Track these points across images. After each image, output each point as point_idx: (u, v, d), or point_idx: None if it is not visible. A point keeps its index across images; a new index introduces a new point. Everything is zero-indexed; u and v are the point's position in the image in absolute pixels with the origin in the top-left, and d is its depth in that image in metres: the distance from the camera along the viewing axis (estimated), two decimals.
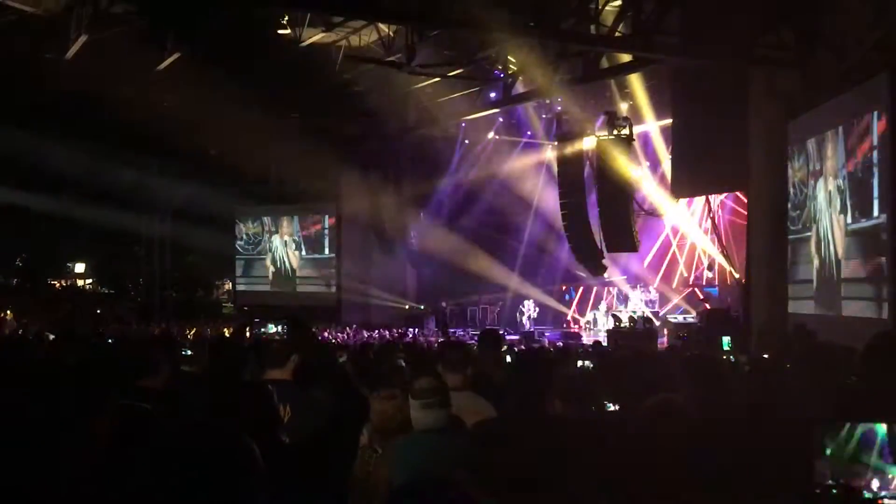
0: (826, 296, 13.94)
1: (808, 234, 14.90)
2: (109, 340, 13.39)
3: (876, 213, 12.44)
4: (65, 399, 4.55)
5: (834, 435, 2.29)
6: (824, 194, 14.22)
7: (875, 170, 12.54)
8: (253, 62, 20.46)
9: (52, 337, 12.24)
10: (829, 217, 14.06)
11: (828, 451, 2.28)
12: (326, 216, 31.76)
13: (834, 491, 2.27)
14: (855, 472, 2.27)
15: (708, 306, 22.29)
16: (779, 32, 15.19)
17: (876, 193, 12.49)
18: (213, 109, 21.48)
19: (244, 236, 33.73)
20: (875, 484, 2.24)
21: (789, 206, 15.82)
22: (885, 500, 2.24)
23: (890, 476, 2.26)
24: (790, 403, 3.71)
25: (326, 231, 31.80)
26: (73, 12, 18.14)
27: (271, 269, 33.16)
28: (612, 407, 4.34)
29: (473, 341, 18.00)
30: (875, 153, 12.68)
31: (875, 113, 12.76)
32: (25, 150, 25.53)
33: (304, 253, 32.44)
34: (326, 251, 31.84)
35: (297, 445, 4.40)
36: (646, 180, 25.27)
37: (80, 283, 37.90)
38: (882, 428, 2.26)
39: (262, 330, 16.88)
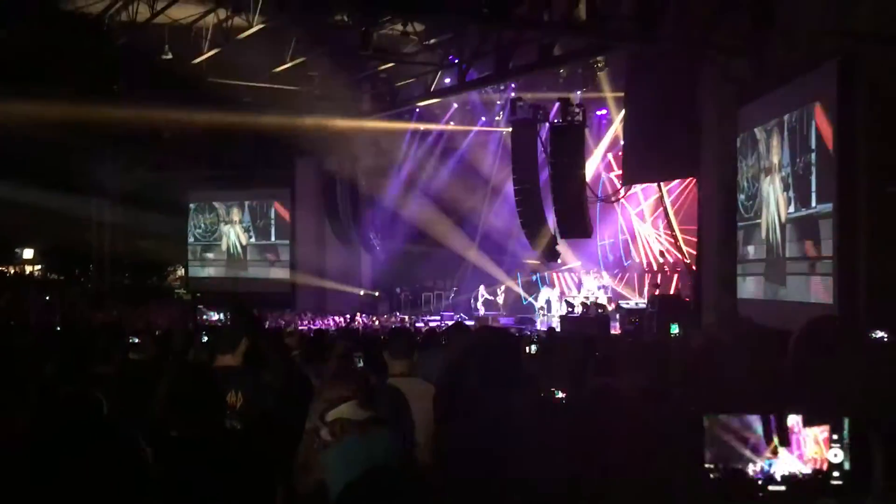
0: (774, 272, 14.90)
1: (759, 220, 15.32)
2: (58, 328, 13.25)
3: (814, 203, 13.30)
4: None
5: (718, 422, 2.55)
6: (772, 186, 14.74)
7: (813, 167, 13.14)
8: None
9: None
10: (775, 206, 14.59)
11: (712, 438, 2.55)
12: (274, 206, 31.73)
13: (717, 475, 2.53)
14: (735, 457, 2.53)
15: (659, 292, 22.51)
16: (732, 19, 15.34)
17: (814, 187, 13.30)
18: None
19: (201, 226, 33.51)
20: (751, 468, 2.53)
21: (743, 196, 16.16)
22: (761, 483, 2.53)
23: (764, 461, 2.54)
24: (720, 388, 3.82)
25: (273, 220, 31.81)
26: None
27: (224, 255, 33.00)
28: (560, 394, 4.39)
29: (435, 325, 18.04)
30: (814, 144, 13.18)
31: (816, 104, 13.13)
32: None
33: (254, 239, 32.36)
34: (273, 238, 31.83)
35: (247, 430, 4.40)
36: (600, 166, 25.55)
37: (28, 269, 37.30)
38: (756, 417, 2.55)
39: (206, 317, 16.69)
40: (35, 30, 18.19)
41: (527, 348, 7.94)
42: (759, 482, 2.52)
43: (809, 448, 2.50)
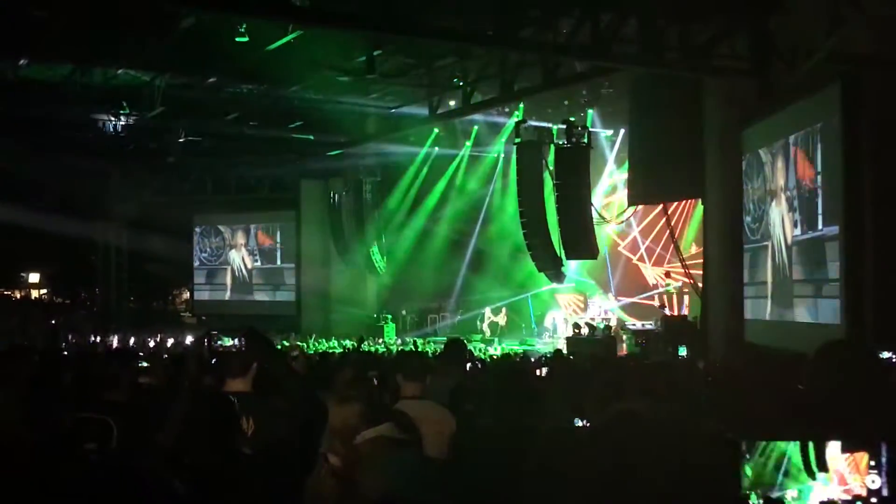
0: (781, 294, 14.83)
1: (766, 243, 15.28)
2: (65, 353, 13.23)
3: (820, 226, 13.26)
4: None
5: (755, 449, 2.53)
6: (778, 209, 14.70)
7: (819, 190, 13.11)
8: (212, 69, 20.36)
9: None
10: (781, 229, 14.56)
11: (750, 464, 2.54)
12: (279, 230, 31.77)
13: (755, 502, 2.52)
14: (774, 484, 2.52)
15: (666, 313, 22.48)
16: (733, 42, 15.38)
17: (820, 209, 13.11)
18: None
19: (207, 249, 33.54)
20: (790, 495, 2.52)
21: (749, 219, 16.15)
22: None
23: (803, 487, 2.52)
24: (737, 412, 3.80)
25: (279, 244, 31.84)
26: None
27: (230, 278, 33.01)
28: (579, 422, 4.38)
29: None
30: (820, 166, 13.16)
31: (821, 126, 13.12)
32: None
33: (260, 263, 32.37)
34: (279, 261, 31.86)
35: (261, 456, 4.39)
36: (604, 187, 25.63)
37: (34, 293, 37.35)
38: (794, 445, 2.53)
39: (219, 342, 16.64)
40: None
41: (537, 371, 7.92)
42: None
43: (847, 474, 2.50)
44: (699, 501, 2.72)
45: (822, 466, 2.49)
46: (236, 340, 4.72)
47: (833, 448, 2.50)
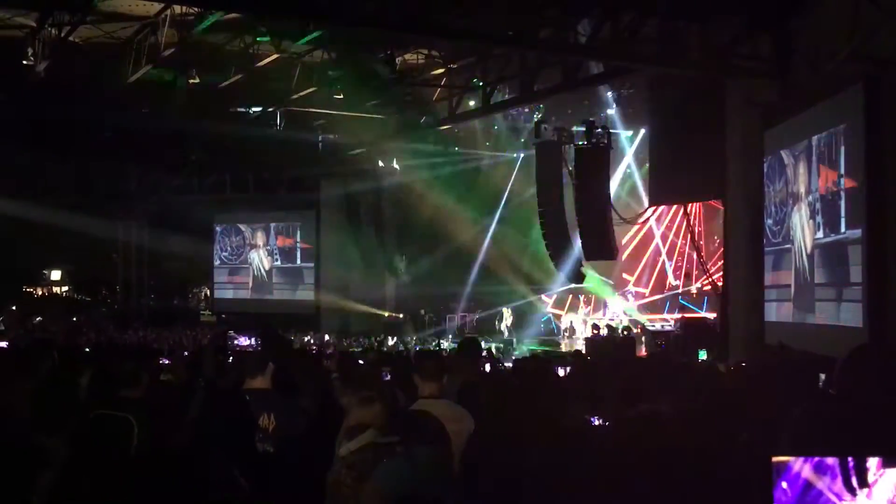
0: (803, 298, 14.61)
1: (788, 245, 15.14)
2: (86, 350, 13.29)
3: (843, 228, 13.05)
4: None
5: (789, 464, 2.42)
6: (800, 212, 14.58)
7: (842, 192, 12.97)
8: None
9: None
10: (803, 232, 14.42)
11: (784, 479, 2.42)
12: (299, 230, 31.81)
13: None
14: (810, 500, 2.40)
15: (685, 314, 22.39)
16: (755, 42, 15.30)
17: (843, 212, 13.03)
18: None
19: (228, 248, 33.63)
20: None
21: (770, 221, 16.00)
22: None
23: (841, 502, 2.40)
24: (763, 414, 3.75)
25: (298, 243, 31.86)
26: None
27: (251, 278, 33.11)
28: (596, 421, 4.37)
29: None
30: (843, 168, 13.02)
31: (844, 127, 13.00)
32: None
33: (279, 262, 32.42)
34: (298, 260, 31.91)
35: (279, 453, 4.40)
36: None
37: (56, 290, 37.60)
38: (832, 459, 2.42)
39: (236, 342, 16.81)
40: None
41: (559, 370, 7.91)
42: None
43: (887, 491, 2.39)
44: None
45: (863, 482, 2.38)
46: (253, 340, 4.76)
47: (872, 463, 2.38)
